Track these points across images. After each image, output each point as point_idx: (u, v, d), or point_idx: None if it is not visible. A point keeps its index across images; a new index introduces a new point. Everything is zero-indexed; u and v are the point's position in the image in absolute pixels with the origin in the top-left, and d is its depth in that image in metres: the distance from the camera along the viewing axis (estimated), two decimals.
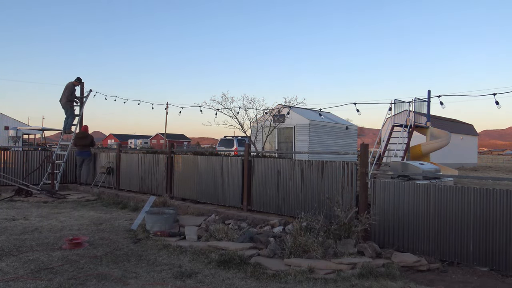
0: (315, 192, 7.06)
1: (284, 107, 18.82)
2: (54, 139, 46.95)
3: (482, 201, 5.14)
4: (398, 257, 5.33)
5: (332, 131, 21.48)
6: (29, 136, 40.44)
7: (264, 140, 20.08)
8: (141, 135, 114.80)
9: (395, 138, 14.80)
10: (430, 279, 4.80)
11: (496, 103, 8.84)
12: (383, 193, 6.06)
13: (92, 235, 6.62)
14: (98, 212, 8.88)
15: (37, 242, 6.10)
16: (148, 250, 5.78)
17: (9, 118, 43.59)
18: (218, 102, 18.59)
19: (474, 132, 35.90)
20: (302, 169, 7.32)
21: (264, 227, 6.78)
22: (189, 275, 4.70)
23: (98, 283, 4.39)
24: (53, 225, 7.41)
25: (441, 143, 15.48)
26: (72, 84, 12.75)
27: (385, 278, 4.65)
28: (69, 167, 13.27)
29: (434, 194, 5.55)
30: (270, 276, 4.70)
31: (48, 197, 10.61)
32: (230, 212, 8.12)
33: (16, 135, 34.97)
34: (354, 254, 5.37)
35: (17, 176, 12.04)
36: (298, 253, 5.33)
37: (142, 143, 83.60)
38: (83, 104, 13.27)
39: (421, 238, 5.63)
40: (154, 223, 6.79)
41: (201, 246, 5.85)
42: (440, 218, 5.48)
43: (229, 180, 8.66)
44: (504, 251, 4.94)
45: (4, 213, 8.38)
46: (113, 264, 5.08)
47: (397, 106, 14.58)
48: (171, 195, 9.77)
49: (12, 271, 4.71)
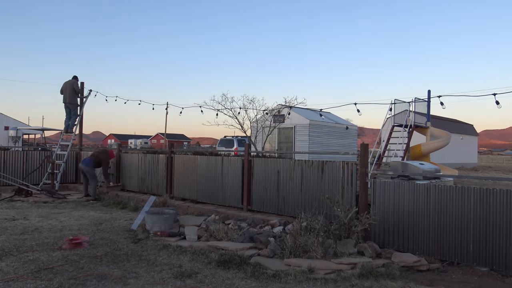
0: (315, 192, 7.06)
1: (284, 107, 18.82)
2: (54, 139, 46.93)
3: (482, 201, 5.14)
4: (398, 257, 5.33)
5: (332, 131, 21.48)
6: (29, 136, 40.46)
7: (264, 140, 20.08)
8: (141, 135, 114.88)
9: (395, 138, 14.79)
10: (430, 279, 4.80)
11: (496, 103, 8.85)
12: (383, 193, 6.06)
13: (92, 235, 6.62)
14: (98, 212, 8.88)
15: (37, 242, 6.10)
16: (148, 250, 5.78)
17: (9, 118, 43.58)
18: (218, 102, 18.61)
19: (474, 132, 35.89)
20: (302, 169, 7.32)
21: (264, 227, 6.78)
22: (189, 275, 4.70)
23: (98, 283, 4.39)
24: (53, 225, 7.41)
25: (441, 143, 15.48)
26: (74, 80, 12.67)
27: (385, 278, 4.65)
28: (69, 167, 13.28)
29: (434, 194, 5.55)
30: (270, 276, 4.70)
31: (48, 197, 10.61)
32: (230, 212, 8.12)
33: (16, 135, 34.99)
34: (354, 254, 5.37)
35: (17, 176, 12.04)
36: (298, 253, 5.33)
37: (142, 143, 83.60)
38: (83, 104, 13.27)
39: (421, 238, 5.63)
40: (154, 223, 6.79)
41: (201, 246, 5.85)
42: (440, 218, 5.48)
43: (229, 180, 8.66)
44: (504, 251, 4.95)
45: (4, 213, 8.38)
46: (113, 264, 5.08)
47: (397, 106, 14.59)
48: (171, 195, 9.77)
49: (12, 271, 4.71)
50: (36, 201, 10.17)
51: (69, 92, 12.50)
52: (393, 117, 14.84)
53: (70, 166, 13.30)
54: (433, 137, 15.85)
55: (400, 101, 14.58)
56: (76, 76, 12.93)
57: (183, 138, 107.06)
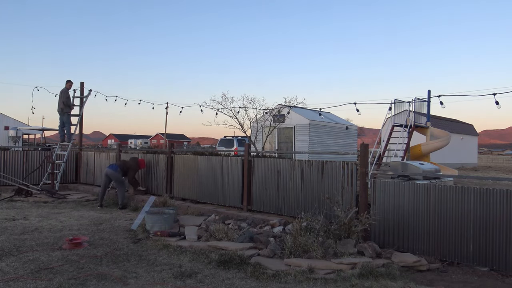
0: (315, 192, 7.06)
1: (284, 107, 18.82)
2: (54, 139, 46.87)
3: (482, 201, 5.14)
4: (398, 257, 5.33)
5: (332, 131, 21.48)
6: (29, 136, 40.46)
7: (264, 140, 20.08)
8: (141, 135, 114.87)
9: (395, 138, 14.80)
10: (430, 279, 4.80)
11: (496, 103, 8.84)
12: (383, 193, 6.06)
13: (92, 235, 6.62)
14: (98, 212, 8.88)
15: (37, 242, 6.10)
16: (148, 250, 5.78)
17: (9, 118, 43.57)
18: (218, 102, 18.60)
19: (474, 132, 35.90)
20: (302, 169, 7.32)
21: (264, 227, 6.78)
22: (189, 275, 4.70)
23: (98, 283, 4.39)
24: (53, 225, 7.41)
25: (441, 143, 15.48)
26: (66, 88, 12.29)
27: (385, 278, 4.65)
28: (69, 167, 13.28)
29: (434, 194, 5.55)
30: (270, 276, 4.70)
31: (48, 197, 10.61)
32: (230, 212, 8.12)
33: (16, 135, 34.99)
34: (354, 254, 5.37)
35: (17, 176, 12.04)
36: (298, 253, 5.33)
37: (142, 143, 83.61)
38: (83, 104, 13.27)
39: (421, 238, 5.63)
40: (154, 223, 6.79)
41: (201, 246, 5.85)
42: (440, 218, 5.48)
43: (229, 180, 8.66)
44: (504, 251, 4.95)
45: (4, 213, 8.38)
46: (113, 264, 5.08)
47: (397, 106, 14.59)
48: (171, 195, 9.76)
49: (12, 271, 4.71)
50: (36, 201, 10.17)
51: (61, 100, 12.17)
52: (393, 117, 14.84)
53: (70, 166, 13.30)
54: (433, 137, 15.85)
55: (400, 101, 14.59)
56: (69, 80, 12.34)
57: (183, 138, 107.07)
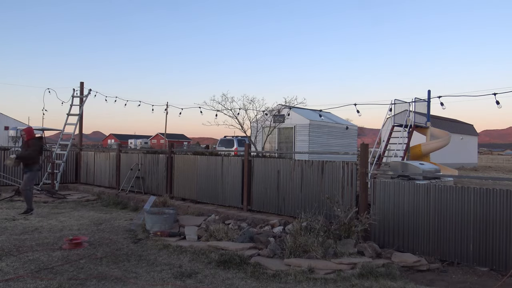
0: (315, 192, 7.06)
1: (284, 107, 18.81)
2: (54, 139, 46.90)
3: (482, 201, 5.14)
4: (398, 257, 5.33)
5: (332, 131, 21.47)
6: None
7: (264, 140, 20.07)
8: (141, 135, 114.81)
9: (395, 138, 14.78)
10: (430, 279, 4.80)
11: (497, 103, 8.84)
12: (383, 193, 6.06)
13: (92, 235, 6.62)
14: (98, 212, 8.88)
15: (37, 242, 6.10)
16: (148, 250, 5.78)
17: (9, 118, 43.57)
18: (218, 102, 18.58)
19: (474, 132, 35.89)
20: (302, 169, 7.32)
21: (264, 227, 6.78)
22: (189, 275, 4.70)
23: (98, 283, 4.39)
24: (53, 225, 7.41)
25: (441, 143, 15.47)
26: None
27: (385, 278, 4.65)
28: (69, 167, 13.27)
29: (434, 194, 5.55)
30: (270, 276, 4.70)
31: (48, 197, 10.61)
32: (230, 212, 8.11)
33: (16, 135, 34.97)
34: (354, 254, 5.37)
35: (17, 176, 12.03)
36: (298, 253, 5.33)
37: (142, 143, 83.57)
38: (83, 104, 13.27)
39: (421, 238, 5.63)
40: (154, 223, 6.79)
41: (201, 246, 5.85)
42: (440, 218, 5.48)
43: (229, 180, 8.66)
44: (504, 251, 4.95)
45: (4, 213, 8.38)
46: (113, 264, 5.08)
47: (397, 106, 14.57)
48: (171, 195, 9.76)
49: (12, 271, 4.71)
50: (36, 201, 10.16)
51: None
52: (393, 117, 14.83)
53: (70, 166, 13.30)
54: (433, 137, 15.84)
55: (400, 101, 14.58)
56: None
57: (183, 138, 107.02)
